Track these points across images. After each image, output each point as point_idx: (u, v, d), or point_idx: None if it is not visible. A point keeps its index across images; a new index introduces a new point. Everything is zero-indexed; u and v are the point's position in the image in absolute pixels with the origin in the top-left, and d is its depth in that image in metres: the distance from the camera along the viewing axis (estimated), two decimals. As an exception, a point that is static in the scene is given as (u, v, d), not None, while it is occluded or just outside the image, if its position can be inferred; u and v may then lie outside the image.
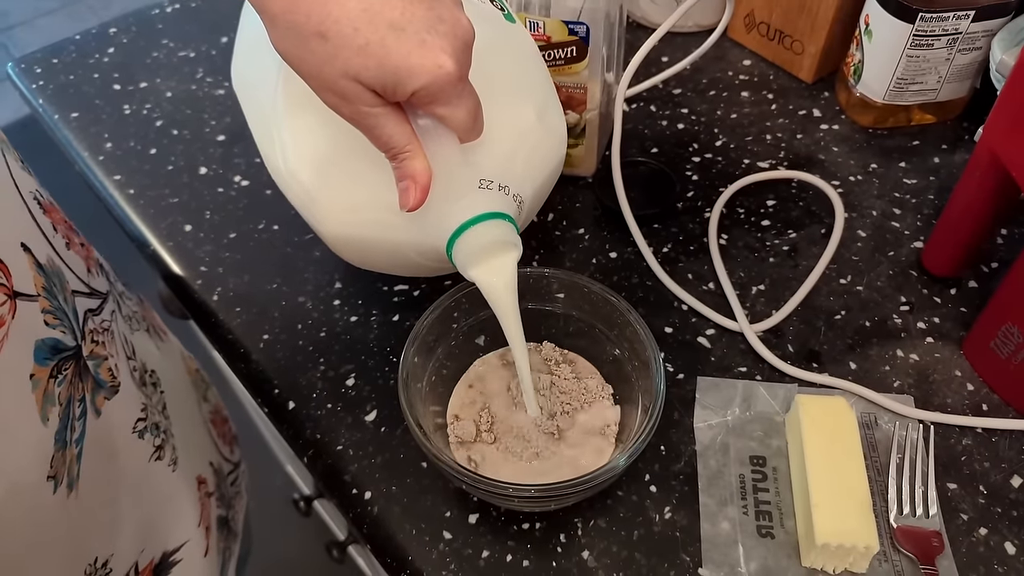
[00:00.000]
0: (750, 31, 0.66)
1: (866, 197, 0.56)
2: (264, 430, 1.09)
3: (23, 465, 0.30)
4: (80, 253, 0.40)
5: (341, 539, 0.73)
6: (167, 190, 0.58)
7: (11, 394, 0.29)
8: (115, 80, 0.66)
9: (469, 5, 0.37)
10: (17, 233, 0.32)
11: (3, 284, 0.29)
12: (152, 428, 0.42)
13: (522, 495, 0.34)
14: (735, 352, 0.47)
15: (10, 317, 0.29)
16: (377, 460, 0.43)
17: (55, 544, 0.33)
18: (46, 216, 0.36)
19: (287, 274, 0.52)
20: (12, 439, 0.29)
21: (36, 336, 0.31)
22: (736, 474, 0.42)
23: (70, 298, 0.36)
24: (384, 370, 0.47)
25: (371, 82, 0.31)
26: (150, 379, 0.44)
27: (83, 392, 0.35)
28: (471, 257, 0.36)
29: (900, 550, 0.39)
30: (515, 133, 0.40)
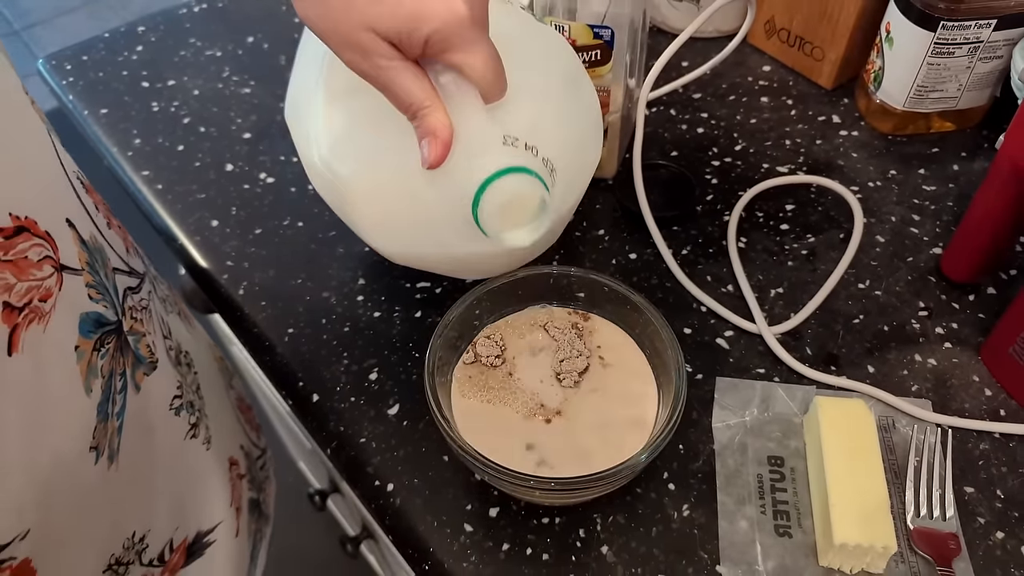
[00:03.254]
0: (770, 37, 0.66)
1: (885, 203, 0.56)
2: (278, 425, 1.10)
3: (67, 434, 0.31)
4: (119, 234, 0.41)
5: (354, 535, 0.74)
6: (194, 186, 0.59)
7: (58, 365, 0.30)
8: (143, 78, 0.68)
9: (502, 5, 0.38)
10: (63, 209, 0.33)
11: (51, 256, 0.31)
12: (187, 406, 0.43)
13: (543, 487, 0.35)
14: (753, 354, 0.48)
15: (57, 289, 0.30)
16: (399, 453, 0.44)
17: (97, 516, 0.34)
18: (88, 195, 0.38)
19: (312, 270, 0.53)
20: (57, 408, 0.30)
21: (81, 309, 0.32)
22: (754, 474, 0.42)
23: (111, 275, 0.37)
24: (407, 365, 0.48)
25: (387, 31, 0.32)
26: (184, 359, 0.45)
27: (124, 367, 0.36)
28: (496, 217, 0.35)
29: (917, 552, 0.39)
30: (541, 96, 0.40)
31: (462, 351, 0.42)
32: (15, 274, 0.28)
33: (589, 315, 0.44)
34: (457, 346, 0.42)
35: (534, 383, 0.41)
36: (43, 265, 0.30)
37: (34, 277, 0.29)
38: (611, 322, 0.43)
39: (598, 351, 0.42)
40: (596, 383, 0.41)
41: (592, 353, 0.42)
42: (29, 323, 0.29)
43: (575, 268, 0.43)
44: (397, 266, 0.53)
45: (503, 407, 0.40)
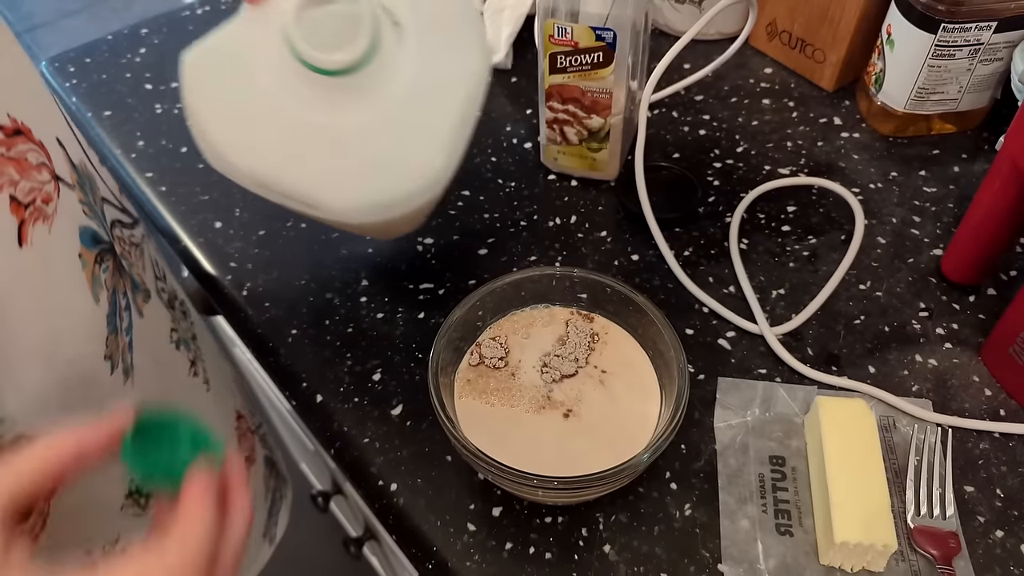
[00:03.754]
0: (772, 39, 0.67)
1: (886, 204, 0.56)
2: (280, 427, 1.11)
3: (80, 337, 0.32)
4: (111, 180, 0.42)
5: (357, 536, 0.74)
6: (197, 188, 0.59)
7: (64, 267, 0.32)
8: (147, 80, 0.68)
9: None
10: (53, 128, 0.35)
11: (46, 164, 0.32)
12: (185, 343, 0.45)
13: (546, 486, 0.35)
14: (755, 354, 0.48)
15: (56, 196, 0.32)
16: (403, 453, 0.44)
17: None
18: (78, 130, 0.39)
19: (315, 271, 0.53)
20: (68, 310, 0.32)
21: (79, 222, 0.34)
22: (755, 473, 0.42)
23: (99, 202, 0.38)
24: (410, 366, 0.48)
25: None
26: (180, 306, 0.47)
27: (124, 288, 0.37)
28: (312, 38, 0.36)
29: (917, 550, 0.39)
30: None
31: (465, 352, 0.43)
32: (18, 171, 0.30)
33: (592, 315, 0.44)
34: (460, 347, 0.42)
35: (537, 383, 0.41)
36: (41, 170, 0.32)
37: (35, 179, 0.31)
38: (614, 323, 0.44)
39: (601, 352, 0.42)
40: (599, 384, 0.41)
41: (595, 354, 0.42)
42: (35, 220, 0.30)
43: (578, 269, 0.43)
44: (400, 268, 0.53)
45: (506, 408, 0.40)
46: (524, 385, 0.41)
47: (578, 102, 0.53)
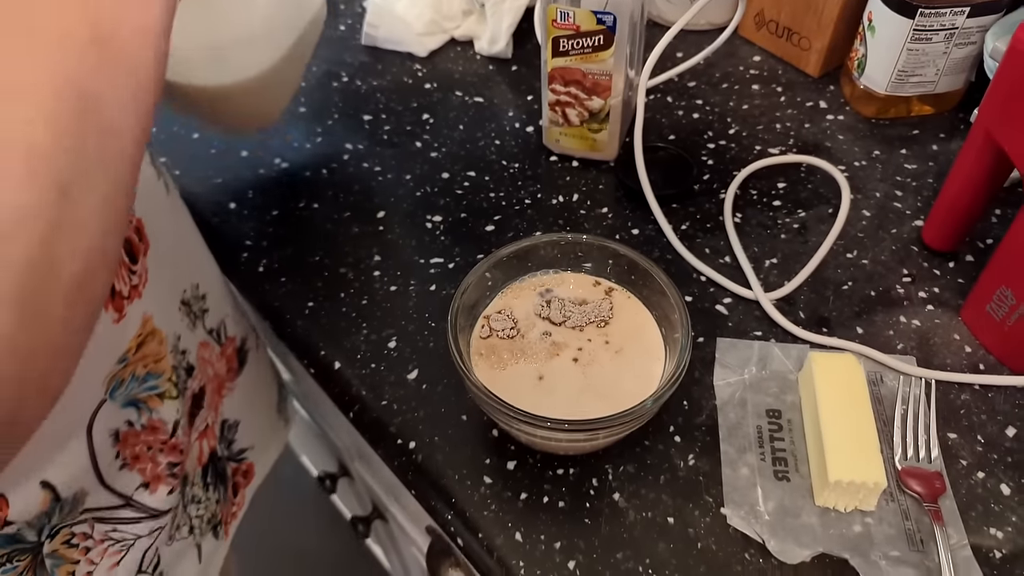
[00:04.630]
0: (760, 29, 0.70)
1: (870, 180, 0.59)
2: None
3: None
4: None
5: (364, 515, 0.76)
6: (211, 171, 0.61)
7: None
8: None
9: None
10: None
11: None
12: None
13: (557, 427, 0.37)
14: (751, 318, 0.51)
15: None
16: (419, 414, 0.46)
17: (167, 237, 0.41)
18: None
19: (328, 247, 0.56)
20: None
21: None
22: (754, 425, 0.45)
23: None
24: (423, 334, 0.50)
25: None
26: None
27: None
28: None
29: (905, 491, 0.42)
30: None
31: (477, 319, 0.45)
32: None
33: (599, 280, 0.46)
34: (473, 313, 0.45)
35: (547, 345, 0.44)
36: None
37: None
38: (620, 287, 0.46)
39: (609, 314, 0.45)
40: (607, 343, 0.44)
41: (603, 316, 0.45)
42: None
43: (586, 235, 0.46)
44: (411, 244, 0.56)
45: (518, 365, 0.43)
46: (534, 339, 0.43)
47: (579, 84, 0.56)
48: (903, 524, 0.41)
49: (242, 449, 0.56)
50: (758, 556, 0.40)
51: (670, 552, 0.40)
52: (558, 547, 0.41)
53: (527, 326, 0.44)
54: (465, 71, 0.70)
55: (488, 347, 0.43)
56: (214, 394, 0.51)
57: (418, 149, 0.63)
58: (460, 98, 0.68)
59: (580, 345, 0.43)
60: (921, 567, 0.39)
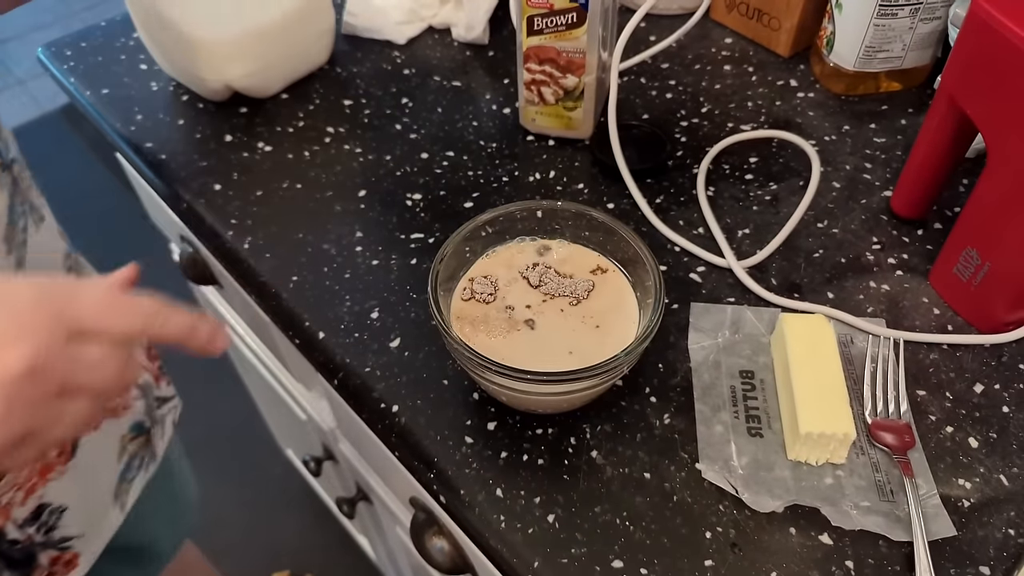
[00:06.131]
0: (731, 11, 0.71)
1: (840, 154, 0.61)
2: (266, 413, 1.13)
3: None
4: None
5: (349, 496, 0.77)
6: (196, 155, 0.62)
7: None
8: (141, 61, 0.71)
9: None
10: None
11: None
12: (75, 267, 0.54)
13: (536, 379, 0.38)
14: (724, 286, 0.52)
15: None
16: (402, 379, 0.47)
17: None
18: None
19: (311, 225, 0.56)
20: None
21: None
22: (727, 386, 0.46)
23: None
24: (405, 305, 0.51)
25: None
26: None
27: (25, 202, 0.48)
28: None
29: (875, 445, 0.43)
30: None
31: (457, 283, 0.46)
32: None
33: (576, 245, 0.47)
34: (454, 276, 0.45)
35: (525, 310, 0.44)
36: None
37: None
38: (596, 251, 0.47)
39: (586, 278, 0.46)
40: (585, 305, 0.45)
41: (581, 279, 0.46)
42: None
43: (562, 202, 0.47)
44: (392, 220, 0.57)
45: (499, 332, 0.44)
46: (514, 304, 0.44)
47: (554, 62, 0.57)
48: (873, 476, 0.42)
49: (66, 537, 0.53)
50: (732, 508, 0.41)
51: (647, 505, 0.41)
52: (537, 502, 0.42)
53: (508, 292, 0.45)
54: (443, 57, 0.72)
55: (468, 310, 0.44)
56: (32, 475, 0.49)
57: (398, 131, 0.64)
58: (438, 83, 0.69)
59: (560, 311, 0.44)
60: (891, 516, 0.41)
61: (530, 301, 0.45)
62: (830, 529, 0.40)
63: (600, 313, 0.44)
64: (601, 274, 0.46)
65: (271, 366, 0.79)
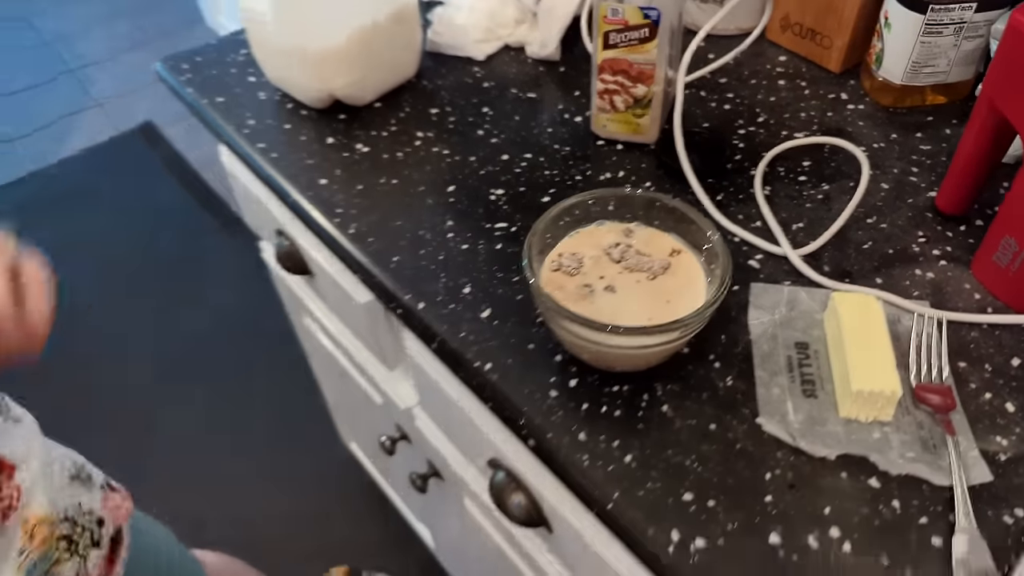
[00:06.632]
0: (785, 31, 0.78)
1: (888, 159, 0.66)
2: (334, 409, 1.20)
3: None
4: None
5: (422, 472, 0.83)
6: (303, 154, 0.70)
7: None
8: (249, 74, 0.80)
9: None
10: None
11: None
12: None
13: (616, 332, 0.44)
14: (780, 272, 0.58)
15: None
16: (492, 344, 0.54)
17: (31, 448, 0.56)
18: None
19: (407, 215, 0.64)
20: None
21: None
22: (784, 355, 0.52)
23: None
24: (492, 283, 0.58)
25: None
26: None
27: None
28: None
29: (920, 407, 0.48)
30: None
31: (546, 257, 0.52)
32: None
33: (655, 229, 0.53)
34: (544, 251, 0.52)
35: (605, 280, 0.51)
36: None
37: None
38: (673, 236, 0.53)
39: (663, 258, 0.52)
40: (660, 281, 0.50)
41: (659, 259, 0.52)
42: None
43: (641, 190, 0.53)
44: (479, 212, 0.64)
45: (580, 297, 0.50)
46: (597, 279, 0.51)
47: (626, 73, 0.64)
48: (918, 432, 0.47)
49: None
50: (788, 455, 0.47)
51: (712, 451, 0.47)
52: (615, 445, 0.47)
53: (592, 266, 0.51)
54: (518, 72, 0.79)
55: (555, 279, 0.51)
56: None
57: (480, 136, 0.71)
58: (515, 94, 0.76)
59: (636, 283, 0.50)
60: (933, 465, 0.45)
61: (611, 274, 0.51)
62: (878, 475, 0.45)
63: (672, 290, 0.50)
64: (677, 256, 0.52)
65: (353, 353, 0.86)
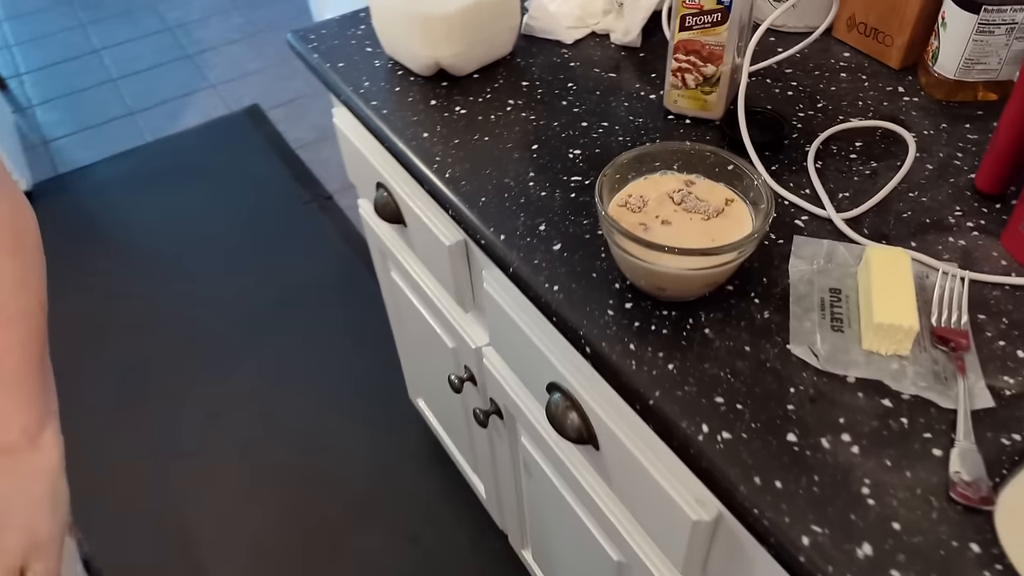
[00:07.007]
0: (850, 30, 0.84)
1: (936, 144, 0.72)
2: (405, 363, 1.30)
3: None
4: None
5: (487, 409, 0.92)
6: (409, 112, 0.81)
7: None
8: (366, 45, 0.91)
9: None
10: None
11: None
12: None
13: (672, 251, 0.52)
14: (823, 232, 0.64)
15: None
16: (561, 271, 0.62)
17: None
18: None
19: (495, 166, 0.73)
20: None
21: None
22: (818, 297, 0.59)
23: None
24: (565, 224, 0.67)
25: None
26: None
27: None
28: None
29: (937, 347, 0.54)
30: None
31: (615, 196, 0.61)
32: None
33: (714, 181, 0.61)
34: (613, 190, 0.60)
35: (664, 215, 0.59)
36: None
37: None
38: (729, 188, 0.61)
39: (719, 205, 0.59)
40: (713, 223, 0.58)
41: (714, 205, 0.59)
42: None
43: (699, 144, 0.61)
44: (557, 167, 0.73)
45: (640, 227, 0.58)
46: (653, 216, 0.59)
47: (698, 53, 0.72)
48: (932, 367, 0.53)
49: None
50: (812, 375, 0.54)
51: (745, 366, 0.54)
52: (661, 356, 0.55)
53: (655, 205, 0.60)
54: (602, 56, 0.88)
55: (622, 213, 0.59)
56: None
57: (564, 106, 0.80)
58: (597, 73, 0.85)
59: (690, 220, 0.58)
60: (943, 392, 0.52)
61: (669, 212, 0.59)
62: (891, 396, 0.52)
63: (722, 232, 0.58)
64: (730, 204, 0.60)
65: (433, 298, 0.96)
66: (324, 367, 1.69)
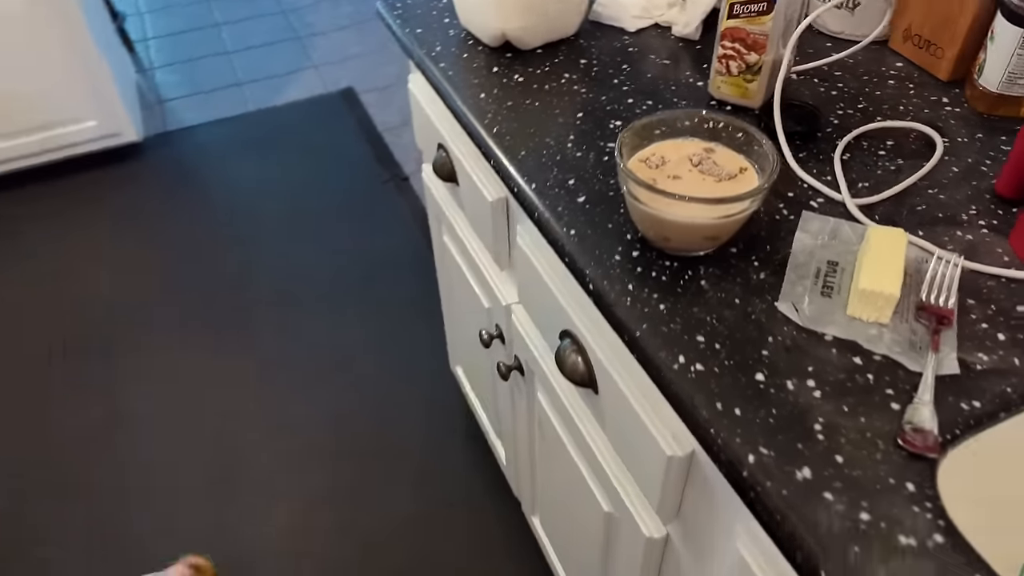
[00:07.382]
0: (906, 41, 0.87)
1: (967, 152, 0.74)
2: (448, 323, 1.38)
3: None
4: None
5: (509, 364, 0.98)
6: (471, 76, 0.88)
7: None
8: (445, 16, 1.00)
9: None
10: None
11: None
12: None
13: (681, 199, 0.57)
14: (835, 214, 0.68)
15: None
16: (580, 219, 0.68)
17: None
18: None
19: (539, 127, 0.80)
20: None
21: None
22: (815, 267, 0.62)
23: None
24: (593, 182, 0.72)
25: None
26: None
27: None
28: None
29: (919, 320, 0.57)
30: None
31: (636, 153, 0.66)
32: None
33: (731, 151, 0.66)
34: (635, 148, 0.66)
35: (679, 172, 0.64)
36: None
37: None
38: (744, 157, 0.65)
39: (732, 171, 0.64)
40: (725, 184, 0.63)
41: (728, 170, 0.64)
42: None
43: (717, 113, 0.66)
44: (597, 133, 0.78)
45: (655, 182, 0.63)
46: (669, 174, 0.64)
47: (743, 41, 0.77)
48: (910, 336, 0.56)
49: None
50: (792, 330, 0.57)
51: (731, 315, 0.59)
52: (655, 297, 0.60)
53: (673, 165, 0.65)
54: (661, 45, 0.93)
55: (640, 169, 0.64)
56: None
57: (615, 84, 0.86)
58: (652, 59, 0.90)
59: (703, 180, 0.63)
60: (916, 360, 0.55)
61: (684, 172, 0.64)
62: (863, 354, 0.55)
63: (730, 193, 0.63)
64: (744, 172, 0.64)
65: (474, 256, 1.03)
66: (377, 334, 1.78)
